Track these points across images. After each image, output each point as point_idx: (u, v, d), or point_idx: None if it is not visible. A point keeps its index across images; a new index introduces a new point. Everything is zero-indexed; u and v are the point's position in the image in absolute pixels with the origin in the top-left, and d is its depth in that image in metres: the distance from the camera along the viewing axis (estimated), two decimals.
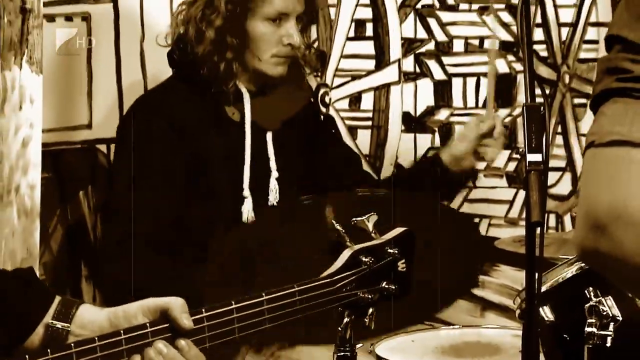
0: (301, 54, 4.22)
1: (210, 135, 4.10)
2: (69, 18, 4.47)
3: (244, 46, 4.07)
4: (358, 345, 3.53)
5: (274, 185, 4.17)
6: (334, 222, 3.01)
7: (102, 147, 4.55)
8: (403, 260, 3.02)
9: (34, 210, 4.07)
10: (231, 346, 3.92)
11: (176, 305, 2.45)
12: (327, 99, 4.94)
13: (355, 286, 2.89)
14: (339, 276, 2.87)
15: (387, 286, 2.96)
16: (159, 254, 3.99)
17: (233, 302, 2.56)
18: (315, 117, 4.61)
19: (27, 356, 2.43)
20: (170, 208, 4.00)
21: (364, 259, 2.92)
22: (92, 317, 2.56)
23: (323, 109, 4.88)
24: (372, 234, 3.05)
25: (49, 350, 2.39)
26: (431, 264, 3.68)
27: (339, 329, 3.07)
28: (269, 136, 4.14)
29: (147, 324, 2.42)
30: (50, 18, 4.36)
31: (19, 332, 2.59)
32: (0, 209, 3.97)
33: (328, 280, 2.85)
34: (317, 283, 2.85)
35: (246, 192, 4.11)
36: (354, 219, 3.06)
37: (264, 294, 2.68)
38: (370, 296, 2.93)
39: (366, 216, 3.06)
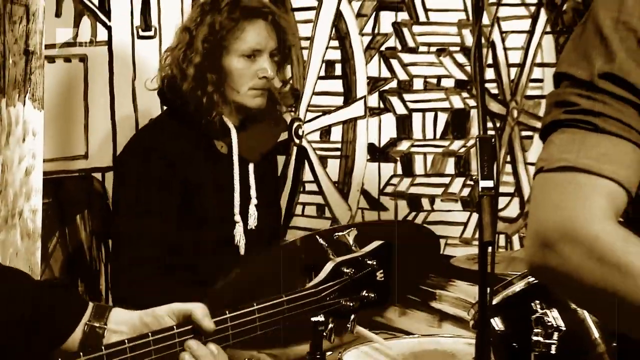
0: (277, 90, 4.18)
1: (203, 167, 4.06)
2: (67, 59, 4.43)
3: (222, 81, 4.03)
4: (328, 353, 3.50)
5: (253, 211, 4.13)
6: (317, 237, 3.01)
7: (98, 175, 4.52)
8: (381, 271, 3.01)
9: (36, 232, 4.07)
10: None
11: (198, 309, 2.45)
12: (300, 132, 4.91)
13: (338, 295, 2.89)
14: (322, 286, 2.89)
15: (367, 295, 2.96)
16: (161, 276, 3.94)
17: (227, 312, 2.57)
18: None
19: (59, 359, 2.46)
20: (168, 234, 3.95)
21: (345, 270, 2.92)
22: (125, 317, 2.59)
23: (297, 141, 4.85)
24: (353, 247, 3.04)
25: (81, 353, 2.39)
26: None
27: (324, 334, 3.05)
28: (251, 167, 4.09)
29: (174, 326, 2.43)
30: (51, 59, 4.32)
31: (59, 334, 2.62)
32: (6, 231, 3.97)
33: (313, 290, 2.86)
34: (303, 293, 2.84)
35: (237, 217, 4.10)
36: (336, 234, 3.06)
37: (255, 304, 2.67)
38: (351, 304, 2.94)
39: (347, 231, 3.06)
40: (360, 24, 4.96)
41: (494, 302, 3.66)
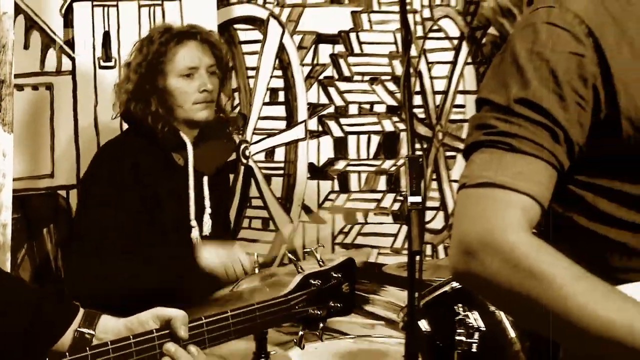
0: (227, 113, 4.21)
1: (162, 176, 4.05)
2: (35, 87, 4.40)
3: (166, 100, 4.03)
4: (272, 353, 3.48)
5: (207, 219, 4.12)
6: (288, 253, 3.03)
7: (63, 193, 4.49)
8: (347, 283, 3.02)
9: (6, 244, 4.03)
10: None
11: (178, 317, 2.42)
12: (247, 153, 4.90)
13: (306, 304, 2.88)
14: (291, 296, 2.88)
15: (333, 304, 2.97)
16: (122, 271, 3.92)
17: (203, 318, 2.55)
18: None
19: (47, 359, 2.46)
20: (130, 236, 3.94)
21: (312, 281, 2.94)
22: (112, 324, 2.55)
23: (244, 161, 4.84)
24: (320, 262, 3.04)
25: (67, 353, 2.36)
26: None
27: (294, 340, 3.06)
28: (205, 179, 4.08)
29: (154, 330, 2.39)
30: (20, 87, 4.28)
31: (50, 337, 2.60)
32: None
33: (283, 299, 2.87)
34: (273, 301, 2.83)
35: (193, 222, 4.07)
36: (305, 249, 3.09)
37: (229, 311, 2.67)
38: (319, 312, 2.94)
39: (314, 247, 3.07)
40: (301, 56, 4.96)
41: (421, 305, 3.68)
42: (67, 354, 2.35)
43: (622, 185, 2.22)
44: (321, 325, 2.99)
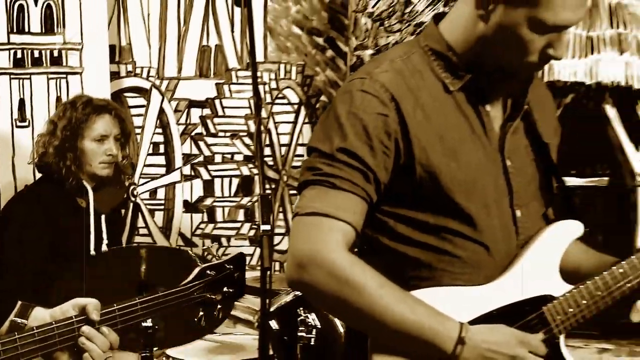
0: (121, 164, 4.15)
1: (68, 216, 3.99)
2: None
3: (79, 157, 3.99)
4: (155, 348, 3.42)
5: (104, 249, 4.07)
6: (189, 251, 3.03)
7: None
8: (237, 273, 2.99)
9: None
10: None
11: (91, 304, 2.32)
12: (135, 192, 4.84)
13: (203, 291, 2.83)
14: (191, 284, 2.82)
15: (227, 290, 2.92)
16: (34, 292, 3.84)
17: (115, 305, 2.44)
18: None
19: None
20: (40, 264, 3.86)
21: (209, 272, 2.88)
22: (41, 314, 2.42)
23: (133, 199, 4.78)
24: (216, 258, 3.03)
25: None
26: None
27: (195, 320, 3.03)
28: (103, 217, 4.03)
29: (73, 317, 2.30)
30: None
31: None
32: None
33: (183, 287, 2.81)
34: (175, 289, 2.73)
35: (92, 252, 4.00)
36: (203, 247, 3.08)
37: (137, 299, 2.55)
38: (214, 297, 2.88)
39: (212, 245, 3.07)
40: (176, 117, 4.93)
41: (272, 309, 3.67)
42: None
43: (415, 214, 2.25)
44: (218, 307, 2.96)
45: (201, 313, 3.03)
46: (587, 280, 2.28)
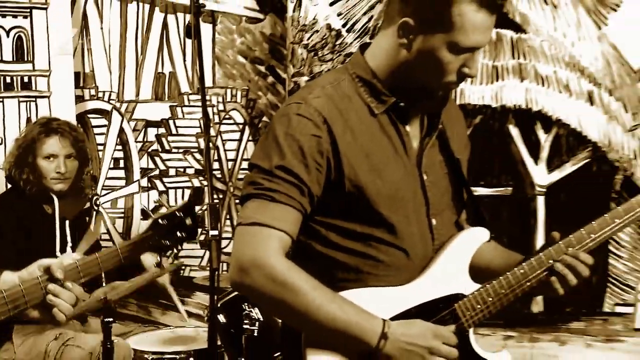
0: (83, 176, 4.12)
1: (36, 222, 3.95)
2: None
3: (35, 171, 3.99)
4: (115, 341, 3.39)
5: (69, 251, 4.01)
6: (144, 208, 2.97)
7: None
8: (189, 218, 2.94)
9: None
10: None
11: (55, 263, 2.26)
12: (98, 202, 4.78)
13: (158, 238, 2.78)
14: (145, 235, 2.83)
15: (180, 235, 2.88)
16: None
17: (77, 262, 2.39)
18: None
19: None
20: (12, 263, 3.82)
21: (161, 222, 2.83)
22: (10, 278, 2.35)
23: (96, 208, 4.73)
24: (166, 207, 3.00)
25: None
26: None
27: (154, 264, 3.00)
28: (67, 222, 3.99)
29: (39, 277, 2.24)
30: None
31: None
32: None
33: (139, 238, 2.81)
34: (131, 241, 2.77)
35: (58, 253, 3.94)
36: (155, 199, 3.04)
37: (97, 254, 2.56)
38: (169, 242, 2.84)
39: (161, 196, 3.03)
40: (135, 135, 4.88)
41: (219, 304, 3.65)
42: None
43: (344, 223, 2.26)
44: (171, 251, 2.94)
45: (158, 259, 3.02)
46: (492, 280, 2.30)
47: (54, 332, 3.78)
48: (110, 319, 3.29)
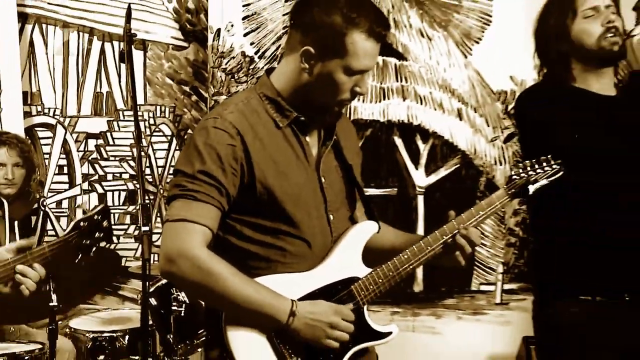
0: (32, 183, 4.02)
1: None
2: None
3: None
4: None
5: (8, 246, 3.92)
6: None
7: None
8: (105, 221, 2.87)
9: None
10: None
11: (23, 245, 2.30)
12: (44, 203, 4.64)
13: (79, 238, 2.71)
14: (68, 235, 2.70)
15: (98, 235, 2.79)
16: None
17: (10, 258, 2.36)
18: None
19: None
20: None
21: (82, 224, 2.76)
22: None
23: (43, 208, 4.58)
24: (86, 211, 2.95)
25: None
26: None
27: (76, 261, 2.91)
28: (16, 223, 3.86)
29: (9, 258, 2.27)
30: None
31: None
32: None
33: (63, 237, 2.70)
34: (58, 239, 2.66)
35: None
36: (83, 209, 2.97)
37: (27, 252, 2.45)
38: (89, 241, 2.75)
39: (82, 202, 2.97)
40: (77, 146, 4.79)
41: (151, 289, 3.58)
42: None
43: (256, 219, 2.25)
44: (93, 249, 2.85)
45: (80, 255, 2.93)
46: (382, 265, 2.30)
47: None
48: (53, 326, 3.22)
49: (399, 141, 4.47)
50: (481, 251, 4.43)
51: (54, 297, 3.19)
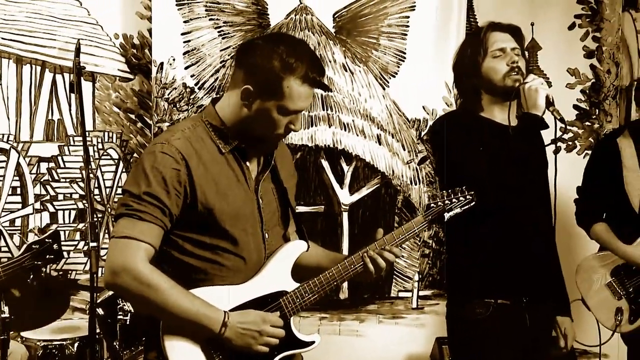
0: None
1: None
2: None
3: None
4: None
5: None
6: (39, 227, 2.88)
7: None
8: (55, 244, 2.80)
9: None
10: None
11: None
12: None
13: (31, 259, 2.67)
14: (22, 256, 2.77)
15: (48, 257, 2.74)
16: None
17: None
18: None
19: None
20: None
21: (34, 246, 2.72)
22: None
23: None
24: (37, 235, 2.91)
25: None
26: None
27: (28, 281, 2.82)
28: None
29: None
30: None
31: None
32: None
33: (17, 259, 2.66)
34: (12, 261, 2.71)
35: None
36: (28, 229, 2.92)
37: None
38: (39, 262, 2.70)
39: (34, 227, 2.92)
40: (29, 169, 4.63)
41: (99, 300, 3.50)
42: None
43: (197, 236, 2.25)
44: (43, 270, 2.78)
45: (32, 275, 2.86)
46: (309, 280, 2.32)
47: None
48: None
49: (325, 163, 4.50)
50: (399, 262, 4.48)
51: (5, 309, 3.08)
